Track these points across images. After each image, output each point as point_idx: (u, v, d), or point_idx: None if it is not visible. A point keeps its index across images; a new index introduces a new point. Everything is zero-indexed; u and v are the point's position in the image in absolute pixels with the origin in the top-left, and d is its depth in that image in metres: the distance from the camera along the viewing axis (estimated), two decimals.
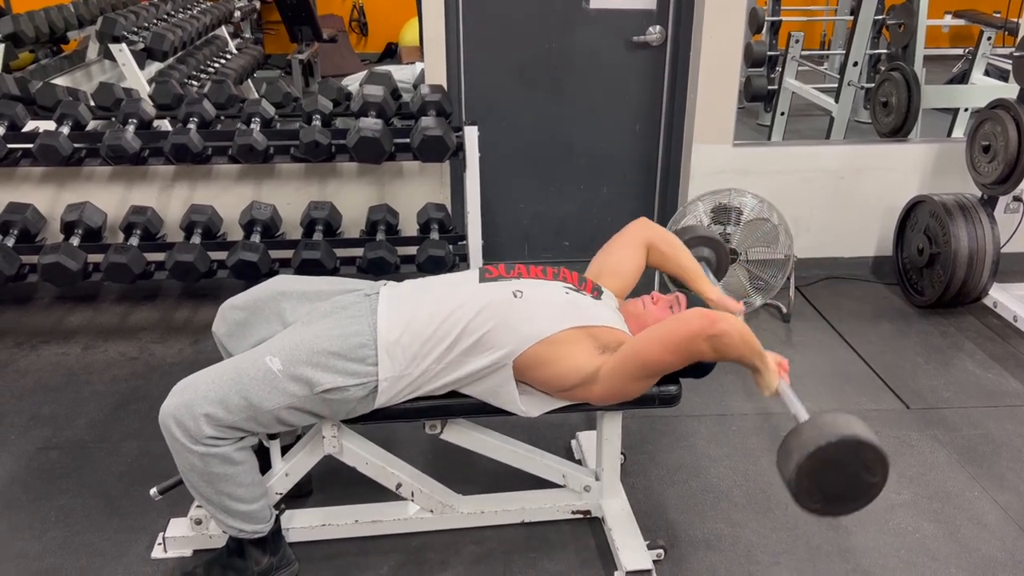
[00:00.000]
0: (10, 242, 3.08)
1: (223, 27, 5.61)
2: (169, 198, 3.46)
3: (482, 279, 1.95)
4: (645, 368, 1.83)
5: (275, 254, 3.18)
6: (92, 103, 3.28)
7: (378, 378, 1.82)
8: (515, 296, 1.87)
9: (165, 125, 3.42)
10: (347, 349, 1.81)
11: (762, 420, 2.74)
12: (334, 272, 3.15)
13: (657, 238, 2.17)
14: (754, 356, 1.78)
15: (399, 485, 2.09)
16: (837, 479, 1.62)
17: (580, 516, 2.22)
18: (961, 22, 6.01)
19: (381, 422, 1.92)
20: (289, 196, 3.48)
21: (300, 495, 2.27)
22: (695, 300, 2.06)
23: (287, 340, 1.84)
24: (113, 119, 3.25)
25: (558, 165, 3.80)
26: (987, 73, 5.07)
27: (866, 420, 2.69)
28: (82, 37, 4.63)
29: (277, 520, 1.99)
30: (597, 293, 1.99)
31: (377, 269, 3.15)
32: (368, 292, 1.98)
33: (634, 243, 2.17)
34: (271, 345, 1.84)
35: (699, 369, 1.97)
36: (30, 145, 3.06)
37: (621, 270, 2.14)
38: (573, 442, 2.54)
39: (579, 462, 2.44)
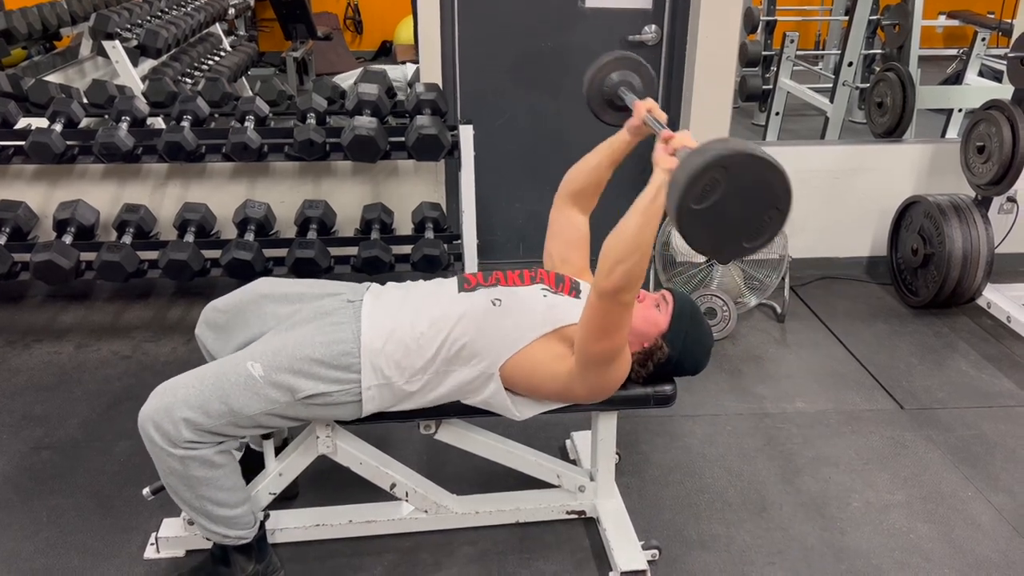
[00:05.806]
0: (2, 240, 3.06)
1: (217, 24, 5.59)
2: (162, 196, 3.45)
3: (460, 288, 1.93)
4: (597, 355, 1.77)
5: (269, 253, 3.17)
6: (85, 100, 3.26)
7: (361, 386, 1.82)
8: (493, 305, 1.86)
9: (158, 123, 3.40)
10: (330, 357, 1.80)
11: (756, 420, 2.74)
12: (328, 271, 3.14)
13: (567, 184, 2.13)
14: (658, 200, 1.65)
15: (393, 485, 2.08)
16: (737, 201, 1.41)
17: (575, 516, 2.22)
18: (955, 23, 6.04)
19: (376, 422, 1.91)
20: (283, 195, 3.47)
21: (286, 497, 2.25)
22: (682, 295, 2.03)
23: (269, 345, 1.82)
24: (106, 116, 3.24)
25: (554, 164, 3.73)
26: (981, 74, 5.09)
27: (860, 420, 2.75)
28: (75, 34, 4.61)
29: (262, 526, 1.97)
30: (576, 292, 1.96)
31: (372, 268, 3.14)
32: (351, 298, 1.95)
33: (562, 209, 2.13)
34: (253, 350, 1.83)
35: (693, 367, 1.97)
36: (22, 142, 3.04)
37: (571, 241, 2.11)
38: (568, 442, 2.54)
39: (574, 462, 2.43)
